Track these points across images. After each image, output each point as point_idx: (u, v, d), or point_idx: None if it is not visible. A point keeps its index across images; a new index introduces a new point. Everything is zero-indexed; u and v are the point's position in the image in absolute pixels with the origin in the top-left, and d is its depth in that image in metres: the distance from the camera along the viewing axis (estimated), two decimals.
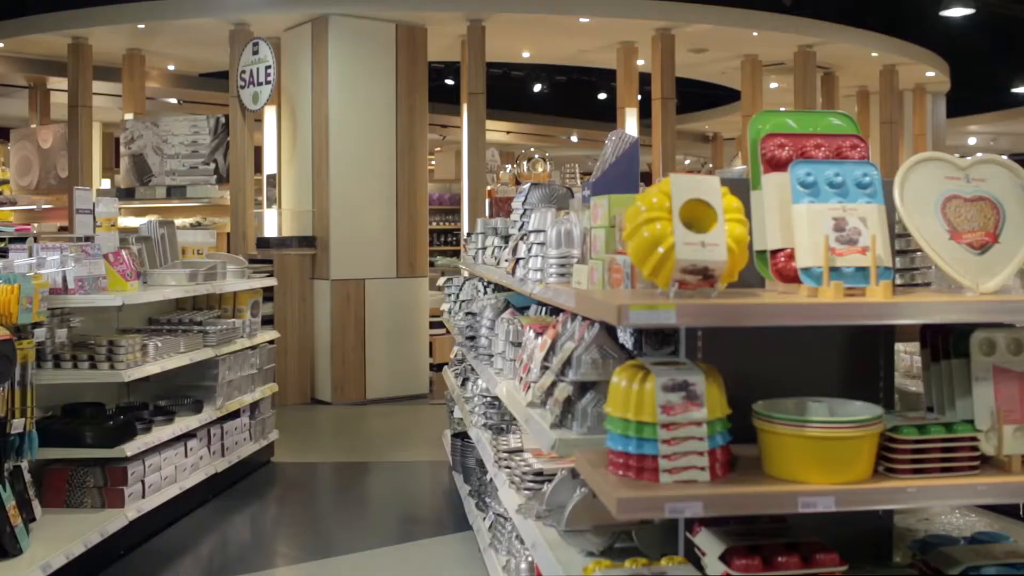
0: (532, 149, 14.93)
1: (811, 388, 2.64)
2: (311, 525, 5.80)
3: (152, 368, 5.44)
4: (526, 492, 3.55)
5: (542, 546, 3.06)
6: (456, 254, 18.35)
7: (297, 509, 6.30)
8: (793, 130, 2.68)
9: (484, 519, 4.86)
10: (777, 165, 2.58)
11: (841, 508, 2.30)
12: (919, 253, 2.90)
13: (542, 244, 3.84)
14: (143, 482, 5.37)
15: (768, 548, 2.40)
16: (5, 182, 13.26)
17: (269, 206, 10.50)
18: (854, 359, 2.81)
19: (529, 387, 3.46)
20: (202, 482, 6.05)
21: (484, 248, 5.80)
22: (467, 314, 5.19)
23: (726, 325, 2.31)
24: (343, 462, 7.40)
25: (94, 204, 5.96)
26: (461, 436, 5.91)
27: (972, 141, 23.44)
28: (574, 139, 20.53)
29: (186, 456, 5.89)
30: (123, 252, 5.60)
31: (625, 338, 3.14)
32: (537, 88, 16.39)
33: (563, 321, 3.23)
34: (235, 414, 6.63)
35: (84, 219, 5.74)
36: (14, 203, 12.41)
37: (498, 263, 5.32)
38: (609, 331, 2.90)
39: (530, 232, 3.95)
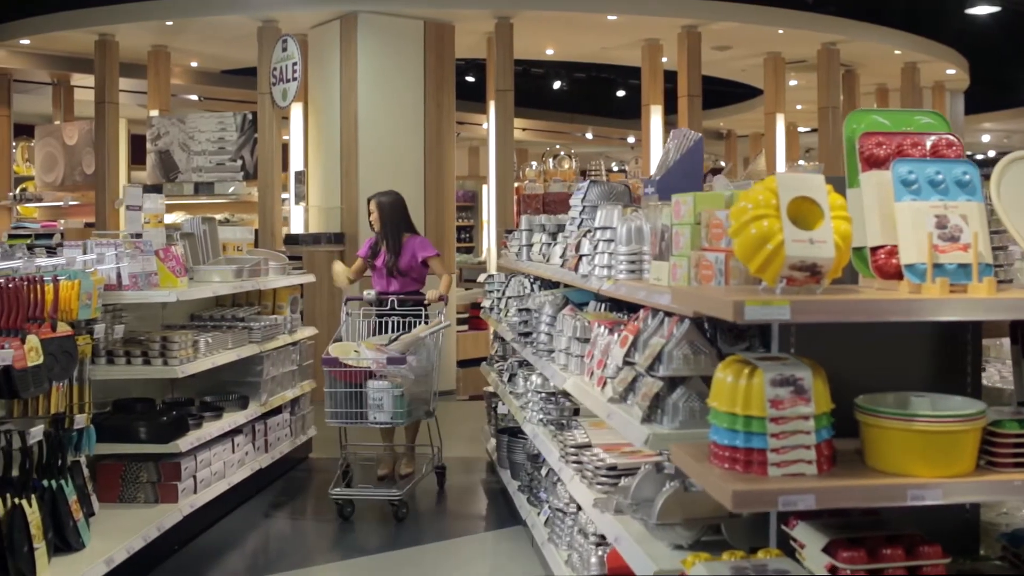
0: (558, 146, 14.97)
1: (900, 383, 2.67)
2: (358, 520, 5.82)
3: (203, 364, 5.48)
4: (599, 487, 3.59)
5: (626, 539, 3.09)
6: (470, 250, 18.43)
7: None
8: (887, 128, 2.71)
9: (539, 514, 4.89)
10: (875, 163, 2.61)
11: (948, 500, 2.34)
12: (1001, 251, 2.93)
13: (609, 241, 3.88)
14: (195, 477, 5.40)
15: (871, 540, 2.43)
16: (29, 178, 13.31)
17: (297, 202, 10.53)
18: (943, 354, 2.83)
19: (605, 382, 3.50)
20: (248, 477, 6.09)
21: (530, 245, 5.84)
22: (520, 310, 5.21)
23: (838, 321, 2.34)
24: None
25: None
26: (507, 431, 5.94)
27: (985, 139, 23.46)
28: (589, 136, 20.56)
29: (233, 452, 5.93)
30: (172, 248, 5.65)
31: None
32: (556, 85, 16.41)
33: (644, 317, 3.26)
34: (277, 410, 6.68)
35: (134, 215, 5.78)
36: (40, 199, 12.46)
37: (547, 259, 5.36)
38: (699, 327, 2.93)
39: (596, 229, 3.98)
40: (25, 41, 12.06)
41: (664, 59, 11.94)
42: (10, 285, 4.17)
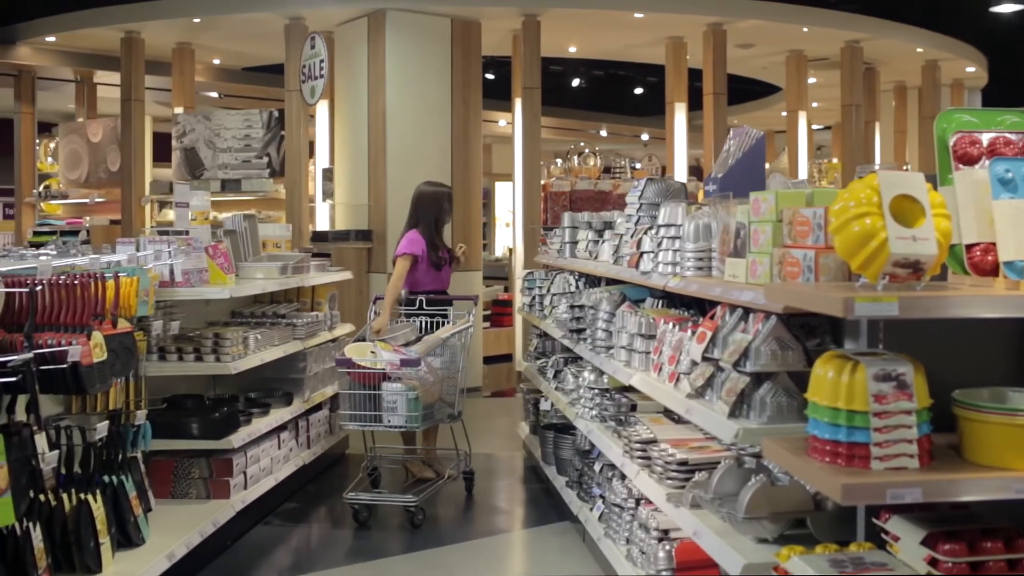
0: (583, 144, 15.00)
1: (985, 378, 2.70)
2: (403, 517, 5.85)
3: (253, 361, 5.51)
4: (669, 482, 3.62)
5: (707, 533, 3.12)
6: (483, 247, 18.44)
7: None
8: (976, 127, 2.74)
9: (591, 509, 4.92)
10: (968, 162, 2.65)
11: None
12: None
13: (674, 238, 3.92)
14: (245, 473, 5.44)
15: (967, 533, 2.46)
16: (53, 175, 13.35)
17: (324, 200, 10.56)
18: None
19: (677, 378, 3.53)
20: (292, 474, 6.12)
21: (575, 242, 5.88)
22: (572, 307, 5.25)
23: (943, 317, 2.38)
24: (415, 457, 7.45)
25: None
26: (551, 428, 5.97)
27: None
28: (603, 133, 20.58)
29: (279, 448, 5.96)
30: (219, 245, 5.68)
31: None
32: (576, 83, 16.44)
33: (721, 314, 3.29)
34: (317, 407, 6.71)
35: (182, 212, 5.81)
36: (66, 196, 12.49)
37: (594, 257, 5.39)
38: (785, 323, 2.96)
39: (660, 226, 4.02)
40: (51, 38, 12.09)
41: (687, 56, 11.95)
42: (75, 282, 4.20)
